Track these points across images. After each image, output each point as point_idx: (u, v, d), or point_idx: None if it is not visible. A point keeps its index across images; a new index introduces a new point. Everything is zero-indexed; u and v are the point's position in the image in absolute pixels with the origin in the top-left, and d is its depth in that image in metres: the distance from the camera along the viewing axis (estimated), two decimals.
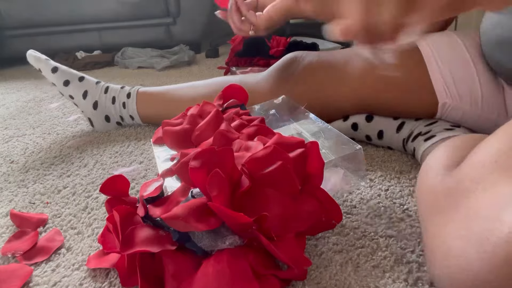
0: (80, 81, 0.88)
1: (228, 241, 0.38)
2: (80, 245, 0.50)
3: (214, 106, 0.63)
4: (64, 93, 0.88)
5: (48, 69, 0.87)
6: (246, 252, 0.38)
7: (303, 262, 0.39)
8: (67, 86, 0.87)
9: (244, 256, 0.37)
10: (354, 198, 0.56)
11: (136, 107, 0.87)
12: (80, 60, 1.82)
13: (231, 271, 0.36)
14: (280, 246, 0.38)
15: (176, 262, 0.38)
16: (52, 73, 0.87)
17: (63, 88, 0.87)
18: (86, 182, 0.68)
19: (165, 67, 1.67)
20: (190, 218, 0.36)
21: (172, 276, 0.38)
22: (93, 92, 0.88)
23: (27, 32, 1.89)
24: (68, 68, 0.89)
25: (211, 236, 0.39)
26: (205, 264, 0.37)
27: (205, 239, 0.39)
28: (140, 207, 0.44)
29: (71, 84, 0.87)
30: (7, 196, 0.65)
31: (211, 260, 0.37)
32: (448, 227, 0.30)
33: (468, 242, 0.27)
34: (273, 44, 1.34)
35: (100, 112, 0.89)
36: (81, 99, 0.88)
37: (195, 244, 0.39)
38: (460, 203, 0.31)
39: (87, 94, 0.88)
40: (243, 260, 0.37)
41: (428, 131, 0.62)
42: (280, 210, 0.39)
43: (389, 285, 0.40)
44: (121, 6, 1.85)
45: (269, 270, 0.38)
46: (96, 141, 0.87)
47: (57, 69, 0.87)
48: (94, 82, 0.89)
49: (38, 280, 0.44)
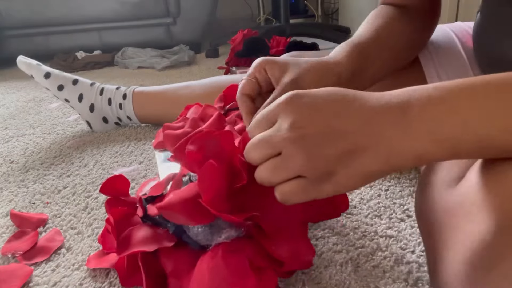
0: (74, 84, 0.88)
1: (224, 235, 0.38)
2: (80, 245, 0.50)
3: (215, 109, 0.62)
4: (59, 97, 0.88)
5: (41, 75, 0.86)
6: (244, 245, 0.38)
7: (305, 252, 0.38)
8: (61, 91, 0.87)
9: (242, 249, 0.37)
10: (354, 198, 0.56)
11: (132, 108, 0.87)
12: (80, 60, 1.82)
13: (226, 266, 0.35)
14: (280, 238, 0.38)
15: (174, 260, 0.38)
16: (45, 78, 0.86)
17: (58, 92, 0.87)
18: (86, 182, 0.68)
19: (165, 67, 1.67)
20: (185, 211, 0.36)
21: (171, 273, 0.38)
22: (89, 94, 0.88)
23: (27, 32, 1.89)
24: (61, 72, 0.88)
25: (207, 229, 0.38)
26: (201, 260, 0.37)
27: (201, 233, 0.38)
28: (139, 207, 0.44)
29: (65, 89, 0.87)
30: (7, 196, 0.65)
31: (207, 255, 0.37)
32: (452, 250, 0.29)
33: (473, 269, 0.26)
34: (273, 44, 1.34)
35: (97, 114, 0.89)
36: (77, 102, 0.88)
37: (191, 238, 0.39)
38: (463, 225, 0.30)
39: (82, 97, 0.88)
40: (240, 254, 0.37)
41: None
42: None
43: (389, 285, 0.40)
44: (121, 6, 1.85)
45: (268, 263, 0.38)
46: (96, 141, 0.87)
47: (50, 74, 0.86)
48: (89, 84, 0.89)
49: (38, 280, 0.44)
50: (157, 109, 0.86)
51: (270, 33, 1.68)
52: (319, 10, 2.61)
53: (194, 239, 0.39)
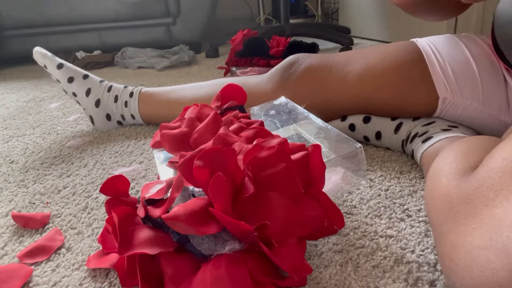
0: (84, 78, 0.89)
1: (228, 247, 0.38)
2: (80, 245, 0.50)
3: (212, 109, 0.62)
4: (67, 90, 0.89)
5: (54, 65, 0.87)
6: (245, 258, 0.38)
7: (303, 269, 0.38)
8: (71, 83, 0.88)
9: (243, 262, 0.37)
10: (354, 198, 0.56)
11: (137, 106, 0.88)
12: (80, 60, 1.82)
13: (229, 277, 0.35)
14: (281, 252, 0.38)
15: (174, 265, 0.38)
16: (58, 69, 0.87)
17: (67, 85, 0.88)
18: (86, 182, 0.68)
19: (165, 67, 1.67)
20: (191, 221, 0.36)
21: (170, 278, 0.38)
22: (96, 90, 0.89)
23: (27, 32, 1.89)
24: (73, 66, 0.90)
25: (211, 240, 0.38)
26: (203, 269, 0.37)
27: (205, 243, 0.38)
28: (140, 208, 0.44)
29: (75, 81, 0.88)
30: (7, 196, 0.65)
31: (209, 265, 0.37)
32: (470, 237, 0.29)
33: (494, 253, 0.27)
34: (273, 44, 1.34)
35: (101, 110, 0.90)
36: (84, 96, 0.89)
37: (194, 247, 0.39)
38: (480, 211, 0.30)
39: (90, 92, 0.89)
40: (242, 266, 0.37)
41: (425, 132, 0.62)
42: (283, 213, 0.38)
43: (389, 285, 0.40)
44: (121, 6, 1.85)
45: (268, 277, 0.38)
46: (96, 141, 0.87)
47: (63, 65, 0.88)
48: (98, 80, 0.90)
49: (38, 280, 0.44)
50: (161, 109, 0.86)
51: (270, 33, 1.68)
52: (319, 10, 2.62)
53: (197, 249, 0.39)
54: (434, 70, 0.63)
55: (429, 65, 0.64)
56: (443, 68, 0.63)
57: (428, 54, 0.64)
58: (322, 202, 0.42)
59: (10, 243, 0.52)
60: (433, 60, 0.64)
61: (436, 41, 0.66)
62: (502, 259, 0.26)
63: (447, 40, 0.66)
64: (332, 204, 0.42)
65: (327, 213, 0.42)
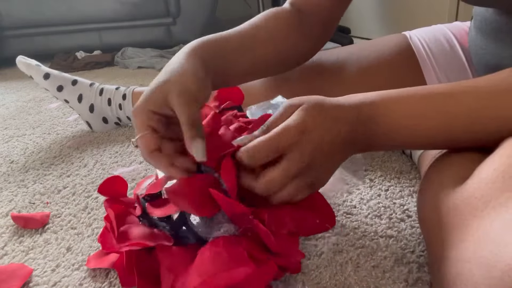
0: (73, 84, 0.88)
1: (223, 229, 0.39)
2: (80, 245, 0.50)
3: (211, 109, 0.62)
4: (58, 98, 0.88)
5: (40, 75, 0.86)
6: (240, 241, 0.39)
7: (296, 254, 0.39)
8: (61, 92, 0.87)
9: (240, 243, 0.38)
10: (354, 198, 0.56)
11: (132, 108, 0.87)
12: (80, 60, 1.82)
13: (227, 254, 0.36)
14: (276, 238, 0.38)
15: (171, 255, 0.39)
16: (44, 79, 0.86)
17: (57, 93, 0.87)
18: (86, 182, 0.68)
19: None
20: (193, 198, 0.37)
21: (167, 269, 0.38)
22: (88, 95, 0.88)
23: (27, 32, 1.89)
24: (60, 73, 0.88)
25: (207, 222, 0.40)
26: (201, 251, 0.38)
27: (201, 226, 0.39)
28: (137, 206, 0.44)
29: (64, 89, 0.87)
30: (7, 196, 0.65)
31: (207, 246, 0.38)
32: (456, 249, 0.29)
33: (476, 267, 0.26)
34: None
35: (97, 114, 0.89)
36: (76, 103, 0.88)
37: (190, 230, 0.40)
38: (468, 222, 0.29)
39: (82, 98, 0.88)
40: (239, 246, 0.38)
41: None
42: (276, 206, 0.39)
43: (389, 285, 0.40)
44: (121, 6, 1.84)
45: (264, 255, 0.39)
46: (96, 141, 0.87)
47: (49, 75, 0.86)
48: (88, 84, 0.89)
49: (38, 280, 0.44)
50: None
51: None
52: None
53: (193, 231, 0.39)
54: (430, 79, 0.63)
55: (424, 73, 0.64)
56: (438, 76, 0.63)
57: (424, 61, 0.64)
58: (316, 200, 0.42)
59: (10, 243, 0.52)
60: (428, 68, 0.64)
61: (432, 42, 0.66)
62: (483, 273, 0.25)
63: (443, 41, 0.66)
64: (326, 204, 0.43)
65: (319, 212, 0.42)
